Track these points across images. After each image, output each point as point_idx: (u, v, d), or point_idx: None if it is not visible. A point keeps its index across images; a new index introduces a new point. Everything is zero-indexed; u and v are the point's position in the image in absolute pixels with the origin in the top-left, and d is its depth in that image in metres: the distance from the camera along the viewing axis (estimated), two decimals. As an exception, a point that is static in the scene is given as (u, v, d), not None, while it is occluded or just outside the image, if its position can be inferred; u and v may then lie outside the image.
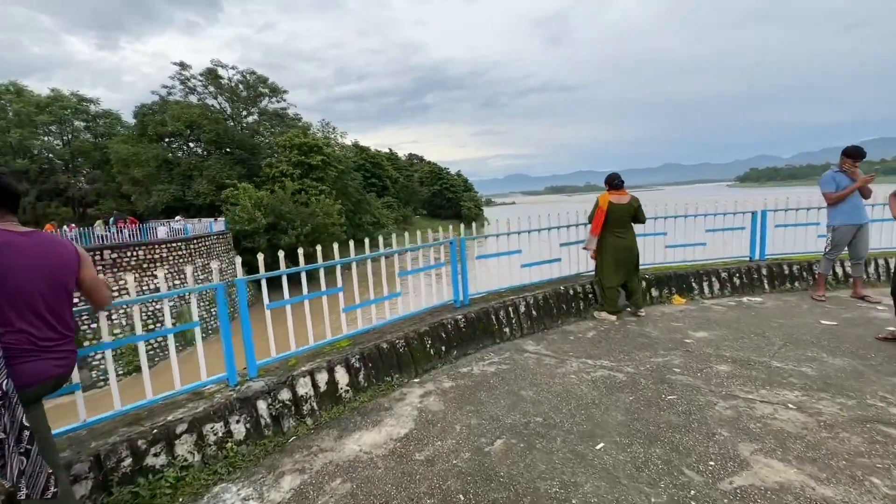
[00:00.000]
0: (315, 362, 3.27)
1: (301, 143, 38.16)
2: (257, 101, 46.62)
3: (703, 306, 5.34)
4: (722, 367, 3.61)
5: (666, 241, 5.90)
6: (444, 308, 4.53)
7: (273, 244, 31.12)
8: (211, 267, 23.27)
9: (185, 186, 35.10)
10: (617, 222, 4.85)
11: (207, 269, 24.01)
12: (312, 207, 33.10)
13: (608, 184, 4.98)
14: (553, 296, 4.98)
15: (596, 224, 4.86)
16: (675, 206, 6.00)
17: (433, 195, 76.93)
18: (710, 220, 6.03)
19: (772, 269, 5.86)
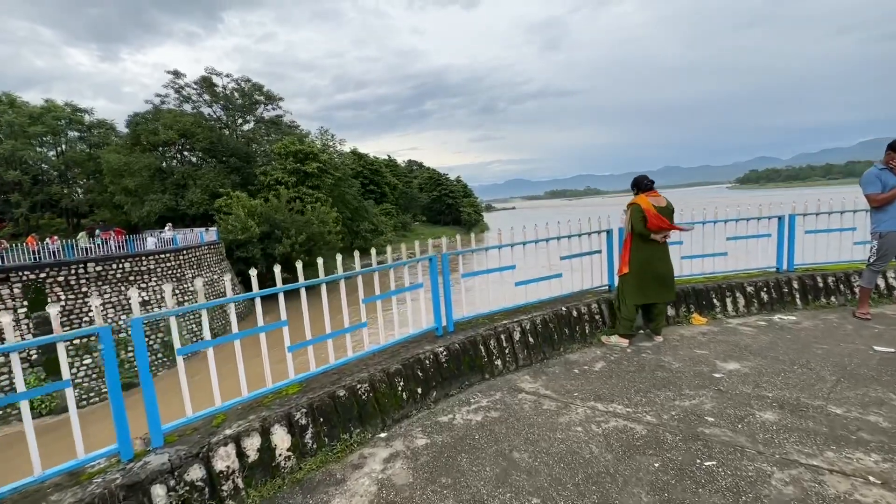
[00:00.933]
0: (247, 421, 2.53)
1: (297, 150, 37.61)
2: (253, 109, 46.20)
3: (729, 327, 4.59)
4: (767, 415, 2.86)
5: (681, 251, 5.17)
6: (423, 338, 3.79)
7: (267, 253, 30.48)
8: (203, 279, 23.08)
9: (179, 196, 34.50)
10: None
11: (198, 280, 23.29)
12: (308, 216, 32.48)
13: (637, 186, 4.32)
14: (553, 318, 4.24)
15: (651, 223, 4.08)
16: (692, 210, 5.27)
17: (433, 201, 76.37)
18: (730, 226, 5.30)
19: (804, 282, 5.11)
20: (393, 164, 75.71)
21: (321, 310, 3.29)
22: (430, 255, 3.77)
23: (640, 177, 4.37)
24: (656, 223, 4.05)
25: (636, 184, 4.35)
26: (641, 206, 4.08)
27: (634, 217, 4.11)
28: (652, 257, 4.15)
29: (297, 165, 37.39)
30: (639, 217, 4.08)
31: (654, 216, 4.04)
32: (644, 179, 4.31)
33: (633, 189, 4.40)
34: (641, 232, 4.09)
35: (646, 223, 4.06)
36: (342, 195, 42.56)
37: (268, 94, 45.47)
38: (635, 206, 4.13)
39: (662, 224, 4.10)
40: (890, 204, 4.33)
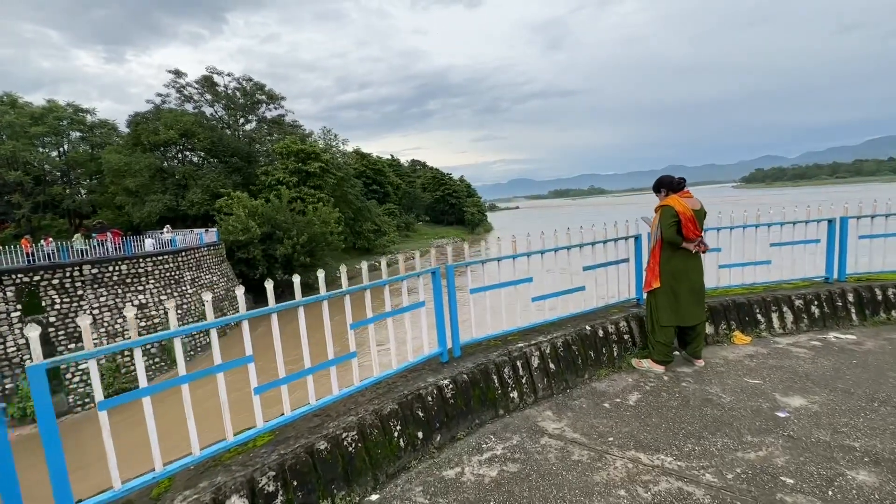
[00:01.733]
0: (195, 491, 1.95)
1: (298, 149, 37.15)
2: (255, 109, 45.82)
3: (778, 348, 3.97)
4: (862, 476, 2.25)
5: (719, 258, 4.55)
6: (425, 366, 3.20)
7: (268, 254, 30.05)
8: (202, 281, 22.17)
9: (180, 196, 34.11)
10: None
11: (197, 282, 22.87)
12: (309, 216, 32.01)
13: (665, 186, 3.64)
14: (577, 340, 3.64)
15: (686, 229, 3.46)
16: (731, 213, 4.65)
17: (436, 201, 75.78)
18: (774, 231, 4.67)
19: (860, 294, 4.48)
20: (396, 164, 75.24)
21: (300, 329, 2.71)
22: (433, 268, 3.18)
23: (666, 176, 3.69)
24: (693, 229, 3.44)
25: (664, 184, 3.64)
26: (675, 209, 3.43)
27: (665, 222, 3.46)
28: (686, 269, 3.53)
29: (298, 165, 36.94)
30: (671, 222, 3.43)
31: (690, 220, 3.43)
32: (672, 178, 3.63)
33: (658, 191, 3.69)
34: (672, 240, 3.44)
35: (679, 229, 3.44)
36: (344, 195, 42.10)
37: (269, 94, 45.06)
38: (667, 208, 3.48)
39: (699, 231, 3.48)
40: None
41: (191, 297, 22.08)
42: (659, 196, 3.69)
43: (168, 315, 2.08)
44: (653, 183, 3.72)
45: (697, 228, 3.45)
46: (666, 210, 3.49)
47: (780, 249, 4.66)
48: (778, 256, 4.67)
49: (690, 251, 3.51)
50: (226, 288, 25.22)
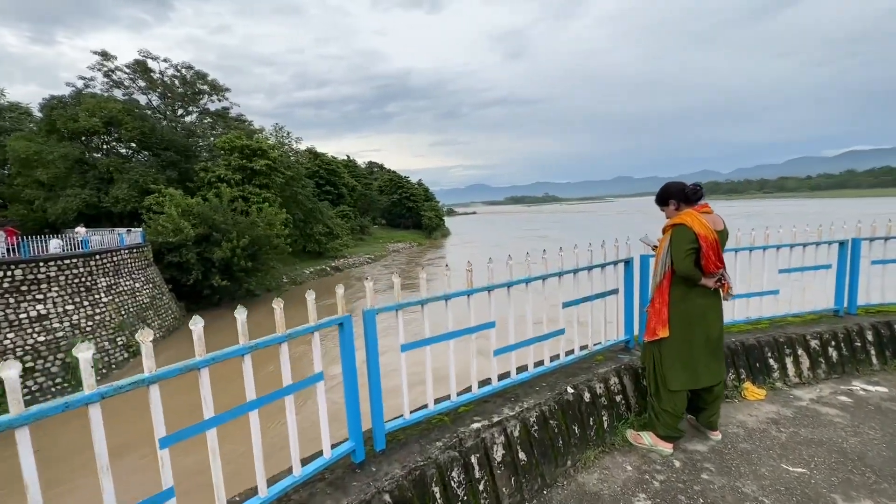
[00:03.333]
0: None
1: (243, 145, 34.50)
2: (196, 100, 42.44)
3: (802, 407, 3.10)
4: None
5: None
6: (324, 475, 1.98)
7: (205, 258, 27.39)
8: (122, 287, 19.07)
9: (102, 191, 30.55)
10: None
11: (114, 289, 20.13)
12: (253, 217, 29.58)
13: (676, 197, 2.62)
14: (556, 410, 2.56)
15: (707, 260, 2.46)
16: (737, 232, 3.79)
17: (393, 204, 74.17)
18: (783, 254, 3.85)
19: (879, 332, 3.74)
20: (352, 165, 72.98)
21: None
22: (340, 317, 1.97)
23: (677, 182, 2.67)
24: (716, 260, 2.47)
25: (673, 193, 2.61)
26: (695, 231, 2.43)
27: (680, 248, 2.44)
28: (704, 312, 2.55)
29: (243, 162, 34.30)
30: (688, 249, 2.42)
31: (713, 247, 2.45)
32: (685, 186, 2.61)
33: (664, 203, 2.68)
34: (689, 274, 2.45)
35: (698, 259, 2.48)
36: (294, 195, 39.78)
37: (213, 84, 41.87)
38: (682, 229, 2.46)
39: (722, 261, 2.51)
40: None
41: (105, 306, 19.37)
42: (666, 209, 2.69)
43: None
44: (659, 191, 2.71)
45: (720, 258, 2.48)
46: (681, 232, 2.47)
47: (789, 276, 3.85)
48: (785, 284, 3.86)
49: (709, 287, 2.53)
50: (151, 295, 22.53)
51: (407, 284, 30.01)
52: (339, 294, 1.97)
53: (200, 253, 27.62)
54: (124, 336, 19.97)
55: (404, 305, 2.19)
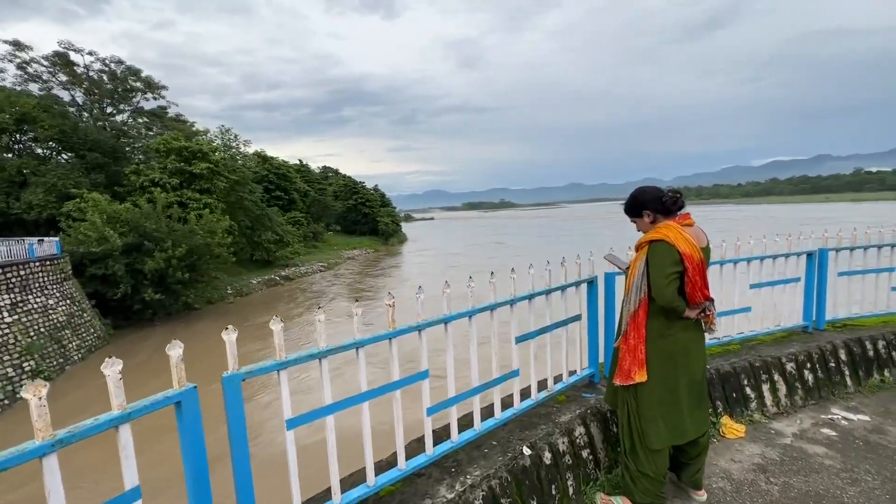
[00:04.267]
0: None
1: (181, 146, 32.05)
2: (128, 97, 39.24)
3: (787, 446, 2.71)
4: None
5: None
6: None
7: (135, 269, 24.98)
8: (30, 305, 16.92)
9: (12, 196, 27.26)
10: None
11: (20, 307, 17.72)
12: (192, 224, 27.40)
13: (653, 206, 2.10)
14: (509, 482, 1.97)
15: (693, 287, 1.97)
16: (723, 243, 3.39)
17: (348, 210, 72.27)
18: (754, 267, 3.50)
19: (851, 350, 3.47)
20: (305, 170, 70.54)
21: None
22: (180, 391, 1.26)
23: (652, 188, 2.15)
24: (702, 286, 1.98)
25: (648, 201, 2.09)
26: (678, 249, 1.93)
27: (659, 270, 1.94)
28: (687, 350, 2.06)
29: (181, 165, 31.87)
30: (671, 274, 1.92)
31: (698, 270, 1.95)
32: (662, 192, 2.11)
33: (637, 213, 2.15)
34: (672, 305, 1.95)
35: (682, 283, 1.98)
36: (240, 201, 37.56)
37: (147, 81, 38.84)
38: (663, 247, 1.95)
39: (707, 288, 2.03)
40: None
41: (9, 327, 16.98)
42: (639, 221, 2.17)
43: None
44: (628, 199, 2.18)
45: (706, 283, 1.99)
46: (662, 251, 1.95)
47: (759, 292, 3.51)
48: (755, 300, 3.52)
49: (692, 319, 2.04)
50: (68, 313, 20.12)
51: (365, 295, 28.81)
52: (173, 359, 1.26)
53: (130, 264, 25.20)
54: (33, 360, 17.62)
55: (291, 363, 1.51)
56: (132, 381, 9.43)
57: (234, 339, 1.37)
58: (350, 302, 25.38)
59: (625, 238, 15.17)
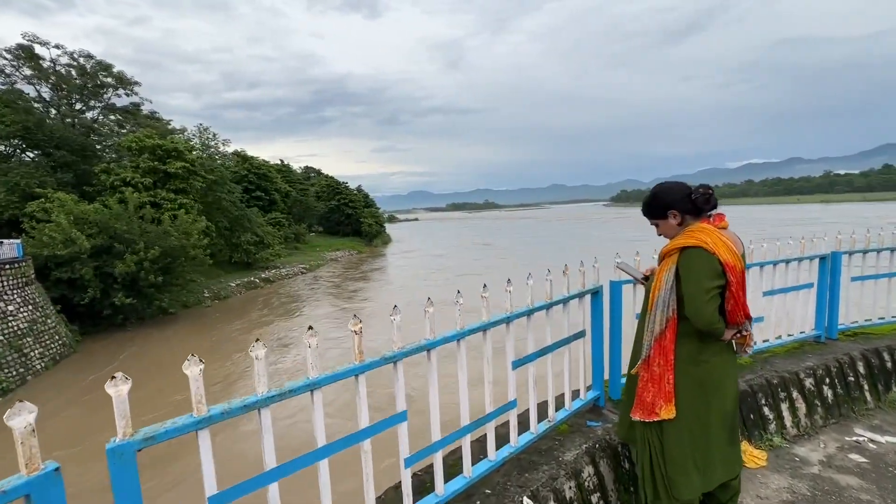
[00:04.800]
0: None
1: (154, 144, 30.86)
2: (99, 94, 37.73)
3: (815, 476, 2.40)
4: None
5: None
6: None
7: (104, 273, 23.88)
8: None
9: (-30, 196, 25.77)
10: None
11: (-23, 315, 16.63)
12: (165, 225, 26.35)
13: (680, 206, 1.73)
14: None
15: (736, 304, 1.62)
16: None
17: (331, 210, 71.17)
18: (767, 273, 3.19)
19: (869, 362, 3.21)
20: (286, 170, 69.26)
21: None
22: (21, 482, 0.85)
23: (679, 183, 1.78)
24: (743, 303, 1.64)
25: (676, 200, 1.74)
26: (719, 258, 1.58)
27: (698, 285, 1.59)
28: (723, 377, 1.71)
29: (154, 164, 30.70)
30: (711, 288, 1.59)
31: (741, 281, 1.63)
32: (688, 188, 1.75)
33: (661, 214, 1.79)
34: (712, 327, 1.60)
35: (724, 299, 1.62)
36: (218, 201, 36.47)
37: (119, 77, 37.39)
38: (700, 255, 1.61)
39: (747, 307, 1.67)
40: None
41: (-38, 336, 15.91)
42: (663, 224, 1.80)
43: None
44: (647, 197, 1.82)
45: (737, 312, 1.63)
46: (700, 260, 1.59)
47: (773, 299, 3.21)
48: (769, 309, 3.22)
49: (724, 341, 1.69)
50: (30, 320, 19.03)
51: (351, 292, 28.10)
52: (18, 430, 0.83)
53: (99, 267, 24.11)
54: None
55: (216, 418, 1.10)
56: (92, 399, 8.66)
57: (197, 373, 0.96)
58: (335, 308, 24.70)
59: (616, 239, 14.98)
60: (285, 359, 15.73)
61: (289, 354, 15.94)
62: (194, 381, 1.05)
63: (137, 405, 11.38)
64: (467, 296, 1.77)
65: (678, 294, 1.62)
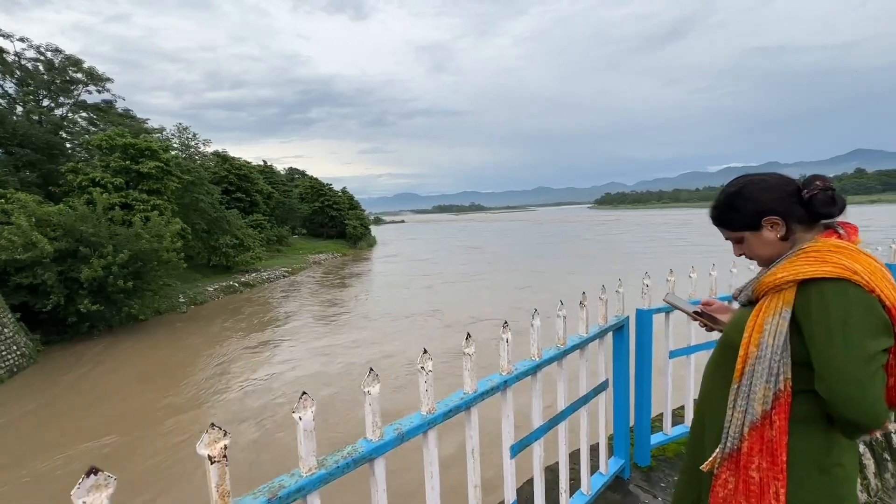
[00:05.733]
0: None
1: (126, 143, 29.57)
2: (68, 90, 36.22)
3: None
4: None
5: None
6: None
7: (69, 278, 22.59)
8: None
9: (-78, 197, 24.18)
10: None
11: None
12: (136, 228, 25.13)
13: (779, 208, 1.10)
14: None
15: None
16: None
17: (314, 212, 69.97)
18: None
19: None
20: (269, 171, 67.84)
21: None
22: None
23: (775, 178, 1.16)
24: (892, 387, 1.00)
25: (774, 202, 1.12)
26: (884, 299, 0.95)
27: (851, 342, 0.94)
28: (853, 491, 1.08)
29: (126, 164, 29.42)
30: (877, 348, 0.95)
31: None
32: (800, 186, 1.13)
33: (749, 224, 1.17)
34: (873, 417, 0.95)
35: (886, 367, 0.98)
36: (195, 203, 35.28)
37: (90, 73, 35.95)
38: (851, 290, 0.97)
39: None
40: None
41: None
42: (754, 238, 1.18)
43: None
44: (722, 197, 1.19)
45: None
46: (849, 299, 0.97)
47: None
48: None
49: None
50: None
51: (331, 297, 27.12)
52: None
53: (64, 272, 22.84)
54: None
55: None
56: (46, 419, 7.63)
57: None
58: (313, 318, 23.80)
59: (608, 242, 14.17)
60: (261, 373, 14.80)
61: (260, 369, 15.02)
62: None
63: (96, 424, 10.30)
64: (450, 308, 1.14)
65: (795, 355, 1.00)
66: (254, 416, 9.70)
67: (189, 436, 8.95)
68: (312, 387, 11.14)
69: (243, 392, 12.03)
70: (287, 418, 8.75)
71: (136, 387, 14.00)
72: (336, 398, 9.92)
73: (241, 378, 13.56)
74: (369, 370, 0.91)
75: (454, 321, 16.34)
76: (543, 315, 1.35)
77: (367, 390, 0.89)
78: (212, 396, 12.27)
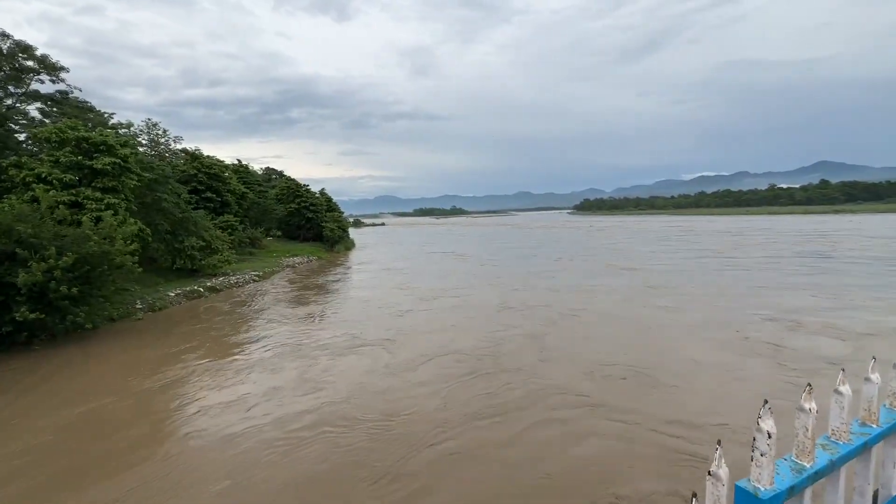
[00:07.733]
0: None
1: (79, 137, 27.35)
2: (19, 79, 33.56)
3: None
4: None
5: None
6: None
7: (4, 283, 20.36)
8: None
9: None
10: None
11: None
12: (85, 228, 23.01)
13: None
14: None
15: None
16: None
17: (290, 214, 67.69)
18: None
19: None
20: (244, 170, 65.23)
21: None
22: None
23: None
24: None
25: None
26: None
27: None
28: None
29: (79, 159, 27.16)
30: None
31: None
32: None
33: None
34: None
35: None
36: (158, 202, 33.01)
37: (43, 61, 33.41)
38: None
39: None
40: None
41: None
42: None
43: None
44: None
45: None
46: None
47: None
48: None
49: None
50: None
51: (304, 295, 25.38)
52: None
53: (-1, 276, 20.57)
54: None
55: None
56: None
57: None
58: (294, 323, 22.12)
59: (611, 247, 12.61)
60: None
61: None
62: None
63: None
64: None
65: None
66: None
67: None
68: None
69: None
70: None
71: (95, 394, 12.18)
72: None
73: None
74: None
75: (403, 360, 14.73)
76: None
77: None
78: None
